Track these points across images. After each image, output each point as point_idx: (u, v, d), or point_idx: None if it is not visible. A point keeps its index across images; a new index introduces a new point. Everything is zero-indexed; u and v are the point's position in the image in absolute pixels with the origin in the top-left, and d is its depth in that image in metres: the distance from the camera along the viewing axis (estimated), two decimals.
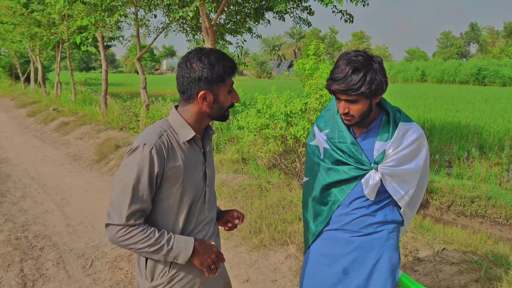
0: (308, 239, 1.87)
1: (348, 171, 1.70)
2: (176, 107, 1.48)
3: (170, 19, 8.18)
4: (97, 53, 19.81)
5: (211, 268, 1.44)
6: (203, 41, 7.47)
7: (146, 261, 1.44)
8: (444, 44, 70.39)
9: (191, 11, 5.63)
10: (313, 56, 5.32)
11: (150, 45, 9.69)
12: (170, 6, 7.48)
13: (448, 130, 9.90)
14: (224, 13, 7.88)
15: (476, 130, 9.95)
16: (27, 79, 25.76)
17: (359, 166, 1.68)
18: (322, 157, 1.80)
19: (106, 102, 11.33)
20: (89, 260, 3.57)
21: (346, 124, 1.71)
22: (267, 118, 5.03)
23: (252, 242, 3.71)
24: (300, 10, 7.23)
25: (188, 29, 8.92)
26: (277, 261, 3.43)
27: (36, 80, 22.12)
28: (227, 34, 8.74)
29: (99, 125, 9.87)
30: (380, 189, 1.69)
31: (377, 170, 1.66)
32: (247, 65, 10.21)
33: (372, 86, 1.53)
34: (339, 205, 1.74)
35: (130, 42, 12.28)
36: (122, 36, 14.14)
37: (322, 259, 1.80)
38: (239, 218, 1.70)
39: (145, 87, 9.24)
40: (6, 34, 16.04)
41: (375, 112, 1.68)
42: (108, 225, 1.34)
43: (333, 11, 6.45)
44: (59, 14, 11.25)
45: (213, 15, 7.15)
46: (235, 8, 7.52)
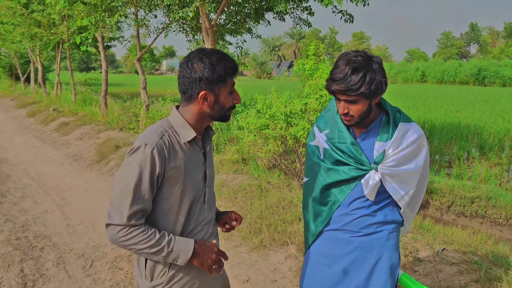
0: (308, 239, 1.87)
1: (348, 172, 1.70)
2: (177, 107, 1.47)
3: (170, 19, 8.18)
4: (97, 54, 19.80)
5: (213, 268, 1.43)
6: (203, 41, 7.48)
7: (146, 261, 1.44)
8: (444, 44, 70.40)
9: (191, 11, 5.63)
10: (313, 56, 5.32)
11: (150, 45, 9.69)
12: (170, 7, 7.48)
13: (448, 131, 9.90)
14: (224, 14, 7.88)
15: (476, 131, 9.95)
16: (27, 80, 25.76)
17: (359, 166, 1.68)
18: (322, 158, 1.80)
19: (106, 103, 11.34)
20: (89, 260, 3.57)
21: (346, 125, 1.71)
22: (267, 119, 5.03)
23: (252, 242, 3.71)
24: (300, 10, 7.24)
25: (188, 29, 8.93)
26: (277, 262, 3.43)
27: (36, 80, 22.13)
28: (227, 35, 8.75)
29: (99, 126, 9.87)
30: (380, 189, 1.69)
31: (377, 171, 1.66)
32: (247, 65, 10.21)
33: (371, 86, 1.53)
34: (339, 205, 1.74)
35: (130, 42, 12.30)
36: (122, 37, 14.18)
37: (322, 259, 1.80)
38: (237, 220, 1.71)
39: (145, 88, 9.24)
40: (6, 34, 16.05)
41: (375, 112, 1.68)
42: (108, 225, 1.34)
43: (333, 11, 6.46)
44: (59, 15, 11.26)
45: (213, 16, 7.16)
46: (235, 8, 7.52)
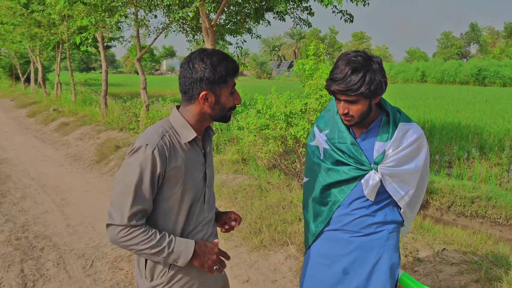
0: (308, 239, 1.88)
1: (348, 172, 1.70)
2: (178, 107, 1.47)
3: (170, 19, 8.18)
4: (97, 54, 19.81)
5: (213, 268, 1.43)
6: (203, 41, 7.48)
7: (146, 261, 1.44)
8: (444, 44, 70.38)
9: (191, 11, 5.63)
10: (312, 56, 5.32)
11: (150, 45, 9.70)
12: (170, 7, 7.48)
13: (448, 131, 9.90)
14: (224, 14, 7.89)
15: (476, 131, 9.95)
16: (27, 80, 25.77)
17: (359, 166, 1.68)
18: (322, 158, 1.80)
19: (106, 103, 11.34)
20: (90, 260, 3.57)
21: (346, 125, 1.71)
22: (267, 119, 5.03)
23: (252, 242, 3.71)
24: (300, 10, 7.24)
25: (188, 29, 8.93)
26: (277, 262, 3.43)
27: (36, 80, 22.13)
28: (227, 35, 8.75)
29: (99, 126, 9.87)
30: (380, 189, 1.69)
31: (377, 171, 1.66)
32: (246, 65, 10.21)
33: (371, 86, 1.53)
34: (339, 206, 1.74)
35: (130, 42, 12.30)
36: (122, 37, 14.19)
37: (322, 259, 1.80)
38: (236, 220, 1.71)
39: (145, 88, 9.24)
40: (6, 34, 16.06)
41: (374, 112, 1.68)
42: (109, 226, 1.33)
43: (333, 11, 6.46)
44: (59, 15, 11.26)
45: (213, 16, 7.16)
46: (235, 8, 7.52)
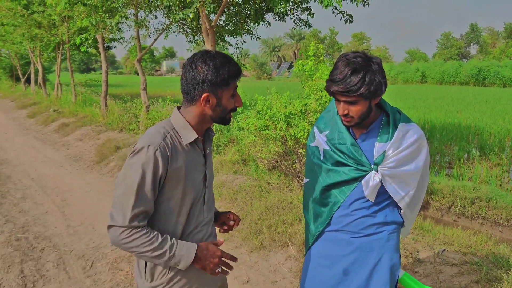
0: (308, 240, 1.88)
1: (348, 172, 1.70)
2: (179, 108, 1.47)
3: (170, 20, 8.19)
4: (97, 55, 19.83)
5: (216, 271, 1.42)
6: (203, 42, 7.48)
7: (146, 262, 1.43)
8: (444, 45, 70.40)
9: (191, 12, 5.64)
10: (312, 57, 5.32)
11: (150, 46, 9.69)
12: (170, 8, 7.49)
13: (448, 131, 9.90)
14: (224, 14, 7.89)
15: (476, 131, 9.95)
16: (28, 81, 25.79)
17: (359, 167, 1.68)
18: (322, 159, 1.80)
19: (106, 103, 11.34)
20: (90, 261, 3.57)
21: (346, 125, 1.71)
22: (267, 119, 5.03)
23: (252, 243, 3.70)
24: (300, 11, 7.24)
25: (188, 30, 8.93)
26: (277, 262, 3.43)
27: (36, 81, 22.15)
28: (227, 35, 8.75)
29: (99, 126, 9.88)
30: (380, 190, 1.69)
31: (377, 171, 1.66)
32: (246, 66, 10.21)
33: (371, 87, 1.53)
34: (339, 206, 1.74)
35: (130, 43, 12.30)
36: (122, 38, 14.19)
37: (322, 260, 1.80)
38: (234, 221, 1.71)
39: (145, 88, 9.25)
40: (6, 35, 16.08)
41: (374, 113, 1.68)
42: (110, 227, 1.32)
43: (333, 12, 6.47)
44: (59, 16, 11.27)
45: (213, 16, 7.16)
46: (235, 9, 7.53)
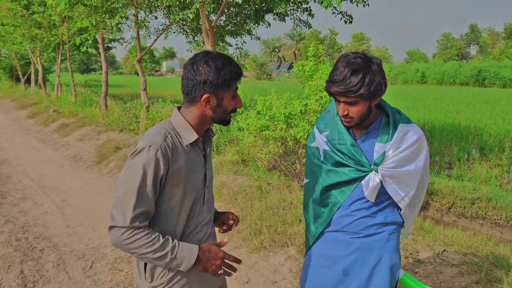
0: (308, 241, 1.88)
1: (348, 173, 1.70)
2: (179, 109, 1.47)
3: (170, 20, 8.19)
4: (97, 55, 19.84)
5: (218, 273, 1.42)
6: (203, 42, 7.48)
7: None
8: (444, 45, 70.40)
9: (191, 13, 5.64)
10: (312, 57, 5.32)
11: (150, 46, 9.70)
12: (170, 8, 7.49)
13: (448, 132, 9.90)
14: (224, 15, 7.89)
15: (476, 132, 9.95)
16: (28, 81, 25.78)
17: (359, 167, 1.68)
18: (322, 159, 1.80)
19: (106, 104, 11.34)
20: (89, 261, 3.57)
21: (346, 126, 1.71)
22: (267, 120, 5.03)
23: (252, 243, 3.70)
24: (300, 11, 7.24)
25: (188, 30, 8.93)
26: (277, 263, 3.42)
27: (36, 81, 22.15)
28: (227, 36, 8.75)
29: (99, 127, 9.88)
30: (380, 190, 1.69)
31: (377, 172, 1.66)
32: (246, 67, 10.21)
33: (371, 87, 1.53)
34: (339, 207, 1.74)
35: (130, 44, 12.30)
36: (122, 38, 14.19)
37: (322, 260, 1.80)
38: (233, 221, 1.72)
39: (145, 89, 9.25)
40: (6, 35, 16.08)
41: (374, 113, 1.68)
42: (112, 228, 1.32)
43: (333, 12, 6.47)
44: (59, 16, 11.27)
45: (213, 17, 7.16)
46: (235, 9, 7.53)
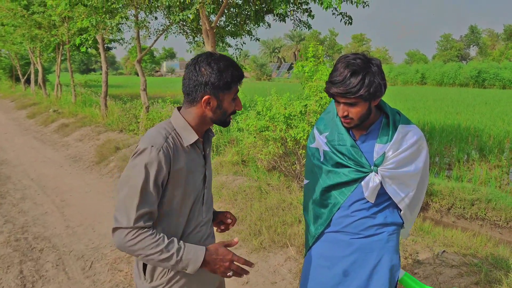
0: (308, 241, 1.88)
1: (348, 174, 1.70)
2: (179, 109, 1.48)
3: (171, 21, 8.19)
4: (97, 55, 19.85)
5: (227, 274, 1.39)
6: (203, 43, 7.48)
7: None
8: (444, 46, 70.42)
9: (191, 13, 5.64)
10: (312, 58, 5.33)
11: (150, 47, 9.70)
12: (170, 8, 7.49)
13: (448, 133, 9.90)
14: (224, 16, 7.90)
15: (476, 133, 9.95)
16: (28, 81, 25.78)
17: (359, 168, 1.68)
18: (322, 160, 1.80)
19: (106, 104, 11.34)
20: (89, 261, 3.57)
21: (346, 127, 1.71)
22: (267, 120, 5.03)
23: (252, 244, 3.70)
24: (300, 12, 7.24)
25: (188, 31, 8.94)
26: (276, 263, 3.42)
27: (36, 81, 22.14)
28: (227, 37, 8.75)
29: (99, 127, 9.88)
30: (380, 191, 1.69)
31: (377, 173, 1.66)
32: (246, 67, 10.21)
33: (370, 88, 1.53)
34: (339, 208, 1.74)
35: (130, 44, 12.30)
36: (122, 38, 14.20)
37: (322, 261, 1.80)
38: (231, 220, 1.73)
39: (145, 89, 9.25)
40: (6, 36, 16.08)
41: (374, 114, 1.68)
42: (115, 229, 1.30)
43: (333, 13, 6.47)
44: (59, 16, 11.27)
45: (213, 18, 7.17)
46: (235, 10, 7.53)
